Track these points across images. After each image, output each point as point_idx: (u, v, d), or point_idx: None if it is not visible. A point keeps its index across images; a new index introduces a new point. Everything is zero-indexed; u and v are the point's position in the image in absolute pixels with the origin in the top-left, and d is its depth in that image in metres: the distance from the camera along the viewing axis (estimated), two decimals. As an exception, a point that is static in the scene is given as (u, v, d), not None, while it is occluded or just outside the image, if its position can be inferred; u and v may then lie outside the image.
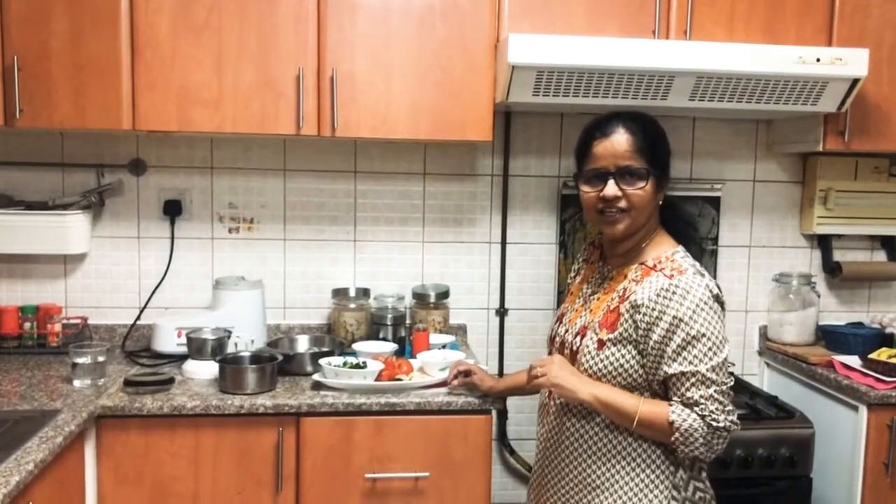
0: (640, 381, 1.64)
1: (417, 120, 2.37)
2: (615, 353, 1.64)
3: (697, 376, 1.56)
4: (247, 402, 2.09)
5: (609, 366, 1.65)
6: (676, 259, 1.67)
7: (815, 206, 2.84)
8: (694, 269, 1.64)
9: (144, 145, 2.66)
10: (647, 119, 1.73)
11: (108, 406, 2.05)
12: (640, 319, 1.61)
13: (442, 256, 2.81)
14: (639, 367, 1.63)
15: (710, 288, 1.61)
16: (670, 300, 1.58)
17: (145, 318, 2.66)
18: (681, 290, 1.58)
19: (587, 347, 1.69)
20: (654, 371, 1.62)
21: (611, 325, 1.66)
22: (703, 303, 1.58)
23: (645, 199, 1.67)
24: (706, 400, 1.56)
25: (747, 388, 2.63)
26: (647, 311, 1.60)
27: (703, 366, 1.56)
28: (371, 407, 2.12)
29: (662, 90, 2.31)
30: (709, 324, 1.58)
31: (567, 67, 2.23)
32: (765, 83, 2.31)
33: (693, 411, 1.56)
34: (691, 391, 1.57)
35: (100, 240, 2.67)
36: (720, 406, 1.56)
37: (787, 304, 2.83)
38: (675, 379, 1.58)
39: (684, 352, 1.57)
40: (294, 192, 2.73)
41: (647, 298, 1.61)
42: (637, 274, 1.68)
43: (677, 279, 1.60)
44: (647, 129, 1.70)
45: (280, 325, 2.74)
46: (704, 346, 1.57)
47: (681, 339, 1.57)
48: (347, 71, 2.32)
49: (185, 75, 2.28)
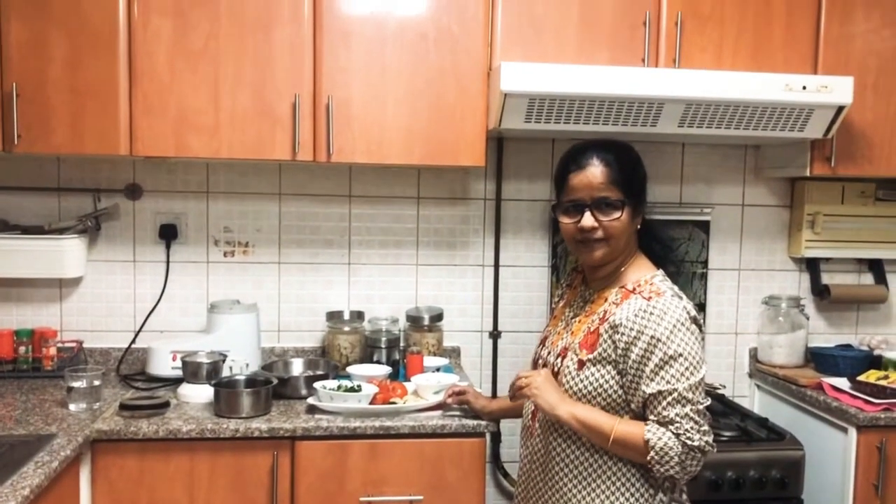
0: (619, 401, 1.66)
1: (412, 145, 2.40)
2: (595, 374, 1.67)
3: (674, 395, 1.58)
4: (242, 426, 2.10)
5: (589, 385, 1.67)
6: (655, 283, 1.70)
7: (804, 230, 2.88)
8: (672, 291, 1.68)
9: (141, 170, 2.68)
10: (620, 148, 1.77)
11: (103, 430, 2.05)
12: (619, 339, 1.63)
13: (436, 279, 2.83)
14: (618, 386, 1.65)
15: (687, 310, 1.64)
16: (648, 320, 1.61)
17: (140, 341, 2.66)
18: (658, 310, 1.62)
19: (568, 368, 1.71)
20: (634, 391, 1.64)
21: (591, 345, 1.68)
22: (679, 323, 1.61)
23: (620, 229, 1.71)
24: (682, 418, 1.57)
25: (738, 409, 2.65)
26: (625, 330, 1.63)
27: (680, 384, 1.58)
28: (366, 430, 2.14)
29: (652, 117, 2.35)
30: (686, 344, 1.60)
31: (558, 95, 2.27)
32: (752, 110, 2.36)
33: (668, 429, 1.58)
34: (667, 409, 1.58)
35: (95, 263, 2.68)
36: (695, 425, 1.58)
37: (777, 326, 2.86)
38: (653, 398, 1.60)
39: (662, 371, 1.59)
40: (289, 216, 2.75)
41: (625, 318, 1.64)
42: (617, 297, 1.71)
43: (655, 300, 1.64)
44: (620, 158, 1.74)
45: (274, 348, 2.76)
46: (682, 365, 1.59)
47: (658, 359, 1.59)
48: (343, 97, 2.36)
49: (182, 101, 2.30)
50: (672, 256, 1.85)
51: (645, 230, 1.81)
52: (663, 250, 1.83)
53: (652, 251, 1.81)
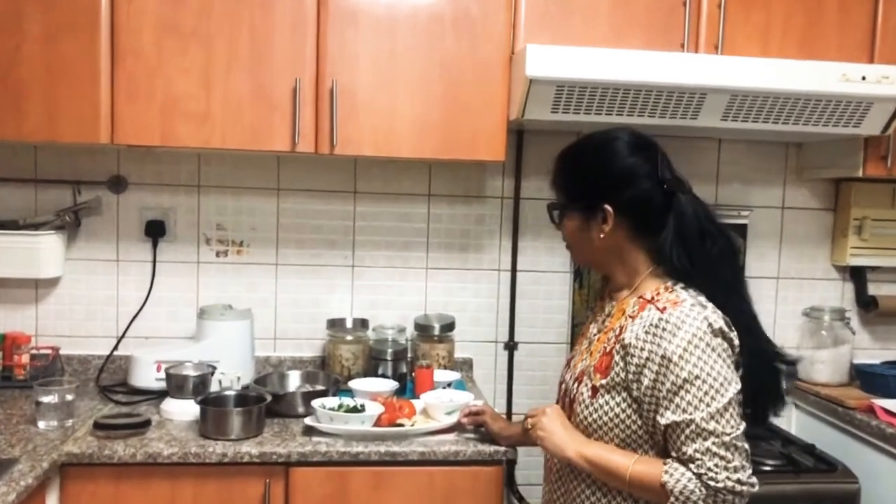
0: (639, 432, 1.42)
1: (424, 137, 2.17)
2: (609, 402, 1.44)
3: (692, 426, 1.33)
4: (230, 450, 1.87)
5: (604, 416, 1.44)
6: (676, 290, 1.45)
7: (849, 236, 2.64)
8: (693, 299, 1.41)
9: (125, 160, 2.45)
10: (574, 144, 1.59)
11: (73, 453, 1.83)
12: (629, 361, 1.40)
13: (447, 284, 2.60)
14: (636, 416, 1.42)
15: (709, 321, 1.37)
16: (660, 337, 1.37)
17: (123, 348, 2.44)
18: (671, 324, 1.37)
19: (582, 395, 1.49)
20: (653, 423, 1.40)
21: (604, 369, 1.46)
22: (697, 338, 1.35)
23: (573, 235, 1.57)
24: (702, 455, 1.32)
25: (778, 433, 2.41)
26: (635, 351, 1.40)
27: (697, 413, 1.33)
28: (369, 456, 1.91)
29: (693, 109, 2.12)
30: (704, 363, 1.34)
31: (590, 82, 2.03)
32: (804, 103, 2.12)
33: (688, 469, 1.34)
34: (686, 444, 1.34)
35: (74, 263, 2.45)
36: (720, 461, 1.32)
37: (819, 340, 2.62)
38: (671, 430, 1.36)
39: (676, 397, 1.35)
40: (287, 213, 2.52)
41: (634, 337, 1.41)
42: (634, 308, 1.47)
43: (669, 312, 1.38)
44: (563, 158, 1.59)
45: (269, 358, 2.53)
46: (700, 389, 1.34)
47: (671, 383, 1.35)
48: (349, 83, 2.13)
49: (170, 85, 2.08)
50: (696, 269, 1.47)
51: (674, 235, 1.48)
52: (674, 266, 1.47)
53: (668, 266, 1.49)
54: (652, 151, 1.51)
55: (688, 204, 1.48)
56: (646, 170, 1.48)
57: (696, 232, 1.47)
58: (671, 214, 1.46)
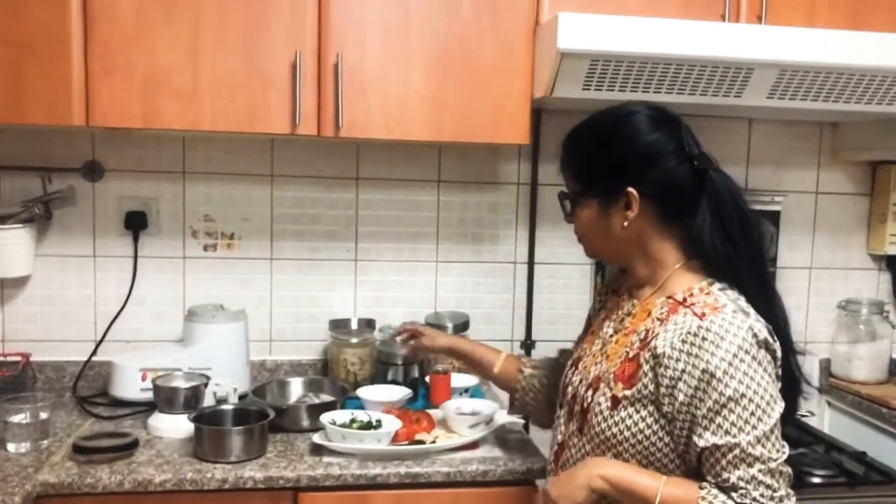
0: (665, 450, 1.27)
1: (440, 118, 1.95)
2: (633, 416, 1.27)
3: (735, 451, 1.19)
4: (231, 475, 1.65)
5: (626, 430, 1.28)
6: (713, 292, 1.29)
7: (888, 223, 2.47)
8: (735, 305, 1.26)
9: (101, 145, 2.20)
10: (580, 125, 1.44)
11: (50, 483, 1.59)
12: (662, 374, 1.24)
13: (459, 279, 2.39)
14: (664, 434, 1.26)
15: (754, 330, 1.23)
16: (701, 348, 1.22)
17: (102, 353, 2.20)
18: (713, 334, 1.22)
19: (599, 405, 1.32)
20: (686, 444, 1.25)
21: (628, 378, 1.29)
22: (743, 351, 1.20)
23: (590, 226, 1.40)
24: (747, 483, 1.19)
25: (822, 439, 2.23)
26: (669, 362, 1.23)
27: (743, 437, 1.19)
28: (388, 478, 1.69)
29: (738, 85, 1.92)
30: (751, 380, 1.20)
31: (628, 56, 1.82)
32: (858, 79, 1.93)
33: (730, 497, 1.20)
34: (728, 471, 1.20)
35: (45, 259, 2.20)
36: (766, 490, 1.19)
37: (855, 334, 2.46)
38: (709, 453, 1.22)
39: (718, 417, 1.21)
40: (283, 201, 2.29)
41: (669, 347, 1.24)
42: (663, 311, 1.31)
43: (710, 319, 1.23)
44: (574, 138, 1.43)
45: (265, 362, 2.30)
46: (746, 409, 1.20)
47: (712, 401, 1.21)
48: (355, 57, 1.90)
49: (152, 58, 1.83)
50: (730, 265, 1.32)
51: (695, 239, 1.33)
52: (716, 255, 1.31)
53: (706, 257, 1.33)
54: (675, 126, 1.35)
55: (722, 182, 1.33)
56: (671, 146, 1.32)
57: (734, 214, 1.31)
58: (704, 196, 1.31)
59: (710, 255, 1.31)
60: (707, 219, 1.31)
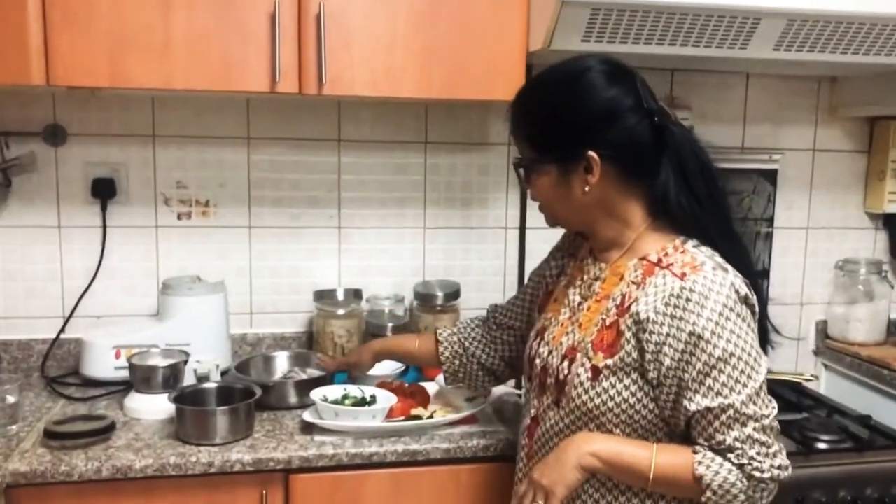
0: (651, 419, 1.24)
1: (430, 73, 1.83)
2: (616, 385, 1.23)
3: (729, 412, 1.17)
4: (217, 458, 1.54)
5: (609, 401, 1.23)
6: (688, 250, 1.25)
7: (887, 180, 2.40)
8: (712, 262, 1.22)
9: (64, 107, 2.03)
10: (528, 85, 1.39)
11: (21, 472, 1.47)
12: (647, 339, 1.20)
13: (447, 246, 2.28)
14: (649, 401, 1.23)
15: (735, 286, 1.20)
16: (685, 310, 1.18)
17: (71, 330, 2.06)
18: (696, 294, 1.18)
19: (578, 377, 1.26)
20: (673, 408, 1.20)
21: (608, 346, 1.24)
22: (727, 309, 1.18)
23: (548, 193, 1.33)
24: (743, 443, 1.18)
25: (825, 403, 2.17)
26: (654, 327, 1.20)
27: (735, 397, 1.17)
28: (385, 457, 1.61)
29: (744, 36, 1.82)
30: (738, 338, 1.18)
31: (630, 5, 1.71)
32: (869, 27, 1.84)
33: (727, 459, 1.18)
34: (722, 432, 1.18)
35: (6, 231, 2.05)
36: (762, 448, 1.18)
37: (852, 295, 2.40)
38: (700, 416, 1.20)
39: (708, 379, 1.18)
40: (261, 165, 2.15)
41: (652, 311, 1.20)
42: (637, 273, 1.26)
43: (692, 279, 1.19)
44: (523, 101, 1.35)
45: (246, 336, 2.18)
46: (735, 369, 1.18)
47: (702, 364, 1.18)
48: (338, 6, 1.76)
49: (119, 9, 1.68)
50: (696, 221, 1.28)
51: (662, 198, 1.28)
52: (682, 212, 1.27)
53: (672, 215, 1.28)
54: (631, 79, 1.28)
55: (682, 137, 1.27)
56: (629, 102, 1.26)
57: (697, 169, 1.27)
58: (665, 152, 1.25)
59: (677, 212, 1.27)
60: (671, 176, 1.26)
